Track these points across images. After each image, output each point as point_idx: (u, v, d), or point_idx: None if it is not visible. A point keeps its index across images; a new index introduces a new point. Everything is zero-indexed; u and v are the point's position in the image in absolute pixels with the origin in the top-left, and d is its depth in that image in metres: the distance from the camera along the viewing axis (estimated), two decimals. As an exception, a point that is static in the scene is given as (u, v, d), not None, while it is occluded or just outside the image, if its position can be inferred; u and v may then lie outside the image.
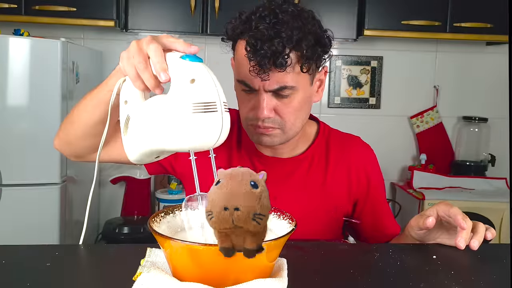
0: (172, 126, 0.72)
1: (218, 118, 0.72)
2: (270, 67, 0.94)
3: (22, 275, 0.80)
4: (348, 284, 0.79)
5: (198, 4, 2.29)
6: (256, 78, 0.96)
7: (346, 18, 2.39)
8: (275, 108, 1.01)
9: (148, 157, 0.84)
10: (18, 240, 1.14)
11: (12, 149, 1.95)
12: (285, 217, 0.83)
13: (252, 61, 0.94)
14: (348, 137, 1.22)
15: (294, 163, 1.14)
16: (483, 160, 2.73)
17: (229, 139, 1.13)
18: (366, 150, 1.21)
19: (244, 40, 0.98)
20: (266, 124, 1.02)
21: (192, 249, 0.68)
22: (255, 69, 0.95)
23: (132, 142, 0.82)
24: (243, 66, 0.98)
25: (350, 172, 1.16)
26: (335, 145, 1.17)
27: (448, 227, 0.96)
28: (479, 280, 0.80)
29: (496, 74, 2.81)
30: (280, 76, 0.96)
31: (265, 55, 0.92)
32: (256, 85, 0.98)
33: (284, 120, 1.02)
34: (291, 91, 0.99)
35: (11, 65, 1.93)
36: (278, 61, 0.93)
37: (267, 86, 0.97)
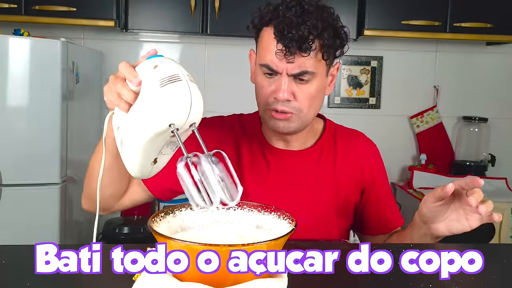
0: (147, 108, 0.80)
1: (184, 86, 0.79)
2: (295, 51, 1.02)
3: (22, 275, 0.79)
4: (348, 284, 0.79)
5: (198, 4, 2.29)
6: (281, 62, 1.04)
7: (346, 18, 2.38)
8: (294, 93, 1.07)
9: (144, 163, 0.86)
10: (18, 240, 1.14)
11: (12, 149, 1.95)
12: (285, 217, 0.83)
13: (280, 43, 1.02)
14: (353, 132, 1.29)
15: (304, 155, 1.20)
16: (483, 160, 2.73)
17: (236, 133, 1.22)
18: (370, 145, 1.28)
19: (271, 26, 1.06)
20: (284, 108, 1.08)
21: (192, 249, 0.68)
22: (281, 51, 1.03)
23: (127, 154, 0.86)
24: (268, 51, 1.06)
25: (357, 163, 1.22)
26: (342, 139, 1.24)
27: (457, 207, 1.02)
28: (479, 280, 0.80)
29: (496, 74, 2.81)
30: (302, 61, 1.04)
31: (292, 38, 1.01)
32: (280, 68, 1.05)
33: (301, 105, 1.09)
34: (310, 76, 1.07)
35: (11, 65, 1.93)
36: (303, 45, 1.01)
37: (290, 69, 1.05)
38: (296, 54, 1.03)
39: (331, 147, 1.22)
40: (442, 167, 2.75)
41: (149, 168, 0.89)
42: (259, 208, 0.87)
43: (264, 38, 1.08)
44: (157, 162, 0.88)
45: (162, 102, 0.78)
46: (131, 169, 0.89)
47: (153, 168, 0.90)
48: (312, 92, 1.09)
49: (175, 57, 2.63)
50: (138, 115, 0.82)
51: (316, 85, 1.09)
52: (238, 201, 0.76)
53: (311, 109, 1.11)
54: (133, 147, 0.84)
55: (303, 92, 1.08)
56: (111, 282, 0.80)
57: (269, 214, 0.86)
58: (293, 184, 1.17)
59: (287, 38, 1.01)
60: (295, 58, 1.03)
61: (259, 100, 1.13)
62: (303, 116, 1.11)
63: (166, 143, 0.86)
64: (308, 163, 1.20)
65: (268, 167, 1.19)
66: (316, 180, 1.19)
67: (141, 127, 0.81)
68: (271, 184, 1.18)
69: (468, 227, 1.03)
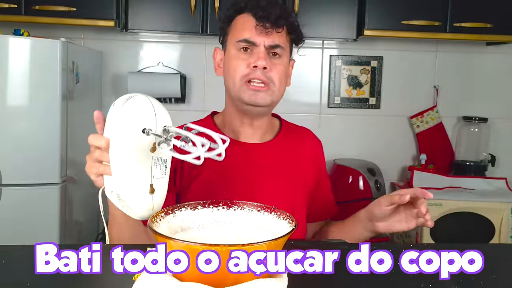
0: (118, 127, 0.87)
1: (142, 96, 0.89)
2: (271, 26, 1.20)
3: (22, 275, 0.79)
4: (348, 284, 0.79)
5: (198, 4, 2.29)
6: (259, 35, 1.20)
7: (346, 18, 2.39)
8: (269, 65, 1.21)
9: (142, 194, 0.89)
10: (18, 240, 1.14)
11: (12, 149, 1.95)
12: (285, 217, 0.83)
13: (259, 20, 1.19)
14: (304, 129, 1.44)
15: (265, 148, 1.31)
16: (483, 160, 2.73)
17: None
18: (318, 141, 1.43)
19: (246, 13, 1.23)
20: (261, 76, 1.20)
21: (192, 249, 0.68)
22: (260, 25, 1.19)
23: (124, 196, 0.89)
24: (246, 28, 1.22)
25: (310, 155, 1.37)
26: (296, 134, 1.39)
27: (401, 211, 1.16)
28: (479, 280, 0.80)
29: (496, 74, 2.81)
30: (277, 36, 1.22)
31: (269, 14, 1.19)
32: (258, 40, 1.21)
33: (274, 77, 1.22)
34: (282, 52, 1.23)
35: (11, 65, 1.93)
36: (278, 22, 1.20)
37: (267, 41, 1.21)
38: (271, 30, 1.20)
39: (287, 141, 1.35)
40: (442, 167, 2.75)
41: (149, 199, 0.89)
42: (259, 208, 0.88)
43: (239, 22, 1.24)
44: (154, 190, 0.89)
45: (127, 113, 0.86)
46: (134, 210, 0.90)
47: (154, 199, 0.90)
48: (282, 69, 1.24)
49: (175, 57, 2.63)
50: (113, 137, 0.88)
51: (285, 64, 1.25)
52: (225, 146, 0.85)
53: (281, 86, 1.25)
54: (124, 176, 0.87)
55: (275, 66, 1.22)
56: (111, 282, 0.80)
57: (269, 214, 0.86)
58: (259, 175, 1.26)
59: (266, 13, 1.19)
60: (271, 32, 1.20)
61: (236, 77, 1.22)
62: (276, 90, 1.23)
63: (153, 162, 0.88)
64: (270, 155, 1.30)
65: (234, 161, 1.24)
66: (281, 169, 1.30)
67: (120, 145, 0.87)
68: (238, 176, 1.25)
69: (406, 228, 1.16)
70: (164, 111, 0.91)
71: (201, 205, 0.89)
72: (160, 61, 2.61)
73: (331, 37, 2.45)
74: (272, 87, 1.22)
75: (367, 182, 2.45)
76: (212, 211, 0.88)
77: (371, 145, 2.75)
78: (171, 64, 2.62)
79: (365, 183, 2.45)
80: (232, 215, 0.88)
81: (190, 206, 0.88)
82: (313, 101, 2.72)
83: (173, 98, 2.58)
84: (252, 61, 1.20)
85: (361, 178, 2.45)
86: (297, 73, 2.71)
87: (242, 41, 1.21)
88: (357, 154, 2.72)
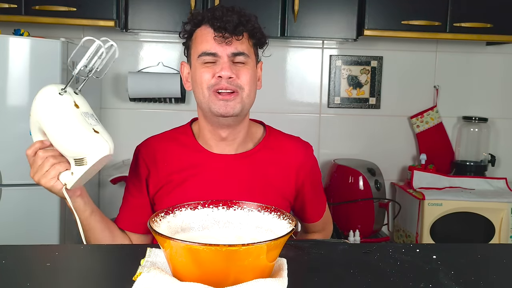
0: (41, 111, 1.07)
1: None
2: (230, 35, 1.19)
3: (22, 275, 0.80)
4: (348, 284, 0.79)
5: (198, 4, 2.29)
6: (219, 45, 1.20)
7: (346, 18, 2.39)
8: (235, 73, 1.21)
9: (93, 137, 1.03)
10: (18, 240, 1.14)
11: (12, 149, 1.95)
12: (285, 217, 0.83)
13: (217, 30, 1.19)
14: (290, 136, 1.39)
15: (238, 159, 1.29)
16: (483, 160, 2.73)
17: (170, 151, 1.31)
18: (305, 147, 1.38)
19: (204, 25, 1.23)
20: (228, 85, 1.19)
21: (192, 249, 0.68)
22: (219, 36, 1.19)
23: (90, 151, 1.04)
24: (206, 41, 1.21)
25: (293, 164, 1.32)
26: (279, 143, 1.34)
27: None
28: (479, 280, 0.80)
29: (496, 74, 2.81)
30: (238, 44, 1.21)
31: (226, 23, 1.19)
32: (220, 51, 1.20)
33: (242, 83, 1.21)
34: (246, 59, 1.22)
35: (11, 65, 1.93)
36: (236, 29, 1.19)
37: (229, 50, 1.20)
38: (231, 38, 1.20)
39: (267, 150, 1.32)
40: (442, 167, 2.74)
41: (99, 136, 1.03)
42: (259, 208, 0.88)
43: (198, 35, 1.24)
44: (98, 131, 1.04)
45: (38, 98, 1.07)
46: (98, 151, 1.03)
47: (103, 135, 1.04)
48: (249, 73, 1.23)
49: (175, 57, 2.63)
50: (42, 122, 1.05)
51: (252, 70, 1.24)
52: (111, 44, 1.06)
53: (251, 91, 1.24)
54: (71, 138, 1.02)
55: (242, 72, 1.22)
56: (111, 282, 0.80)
57: (269, 214, 0.86)
58: (231, 186, 1.25)
59: (223, 23, 1.19)
60: (231, 40, 1.20)
61: (203, 89, 1.22)
62: (246, 97, 1.22)
63: (83, 116, 1.04)
64: (246, 166, 1.28)
65: (211, 174, 1.26)
66: (255, 182, 1.27)
67: (51, 120, 1.04)
68: (214, 189, 1.24)
69: None
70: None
71: (201, 205, 0.89)
72: (160, 61, 2.61)
73: (331, 37, 2.45)
74: (241, 93, 1.22)
75: (367, 182, 2.45)
76: (212, 211, 0.89)
77: (371, 145, 2.75)
78: (171, 64, 2.62)
79: (365, 183, 2.45)
80: (232, 215, 0.88)
81: (190, 206, 0.88)
82: (313, 101, 2.72)
83: (173, 98, 2.58)
84: (217, 70, 1.20)
85: (361, 178, 2.45)
86: (297, 73, 2.71)
87: (203, 55, 1.22)
88: (357, 154, 2.72)
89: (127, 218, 1.29)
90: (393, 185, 2.79)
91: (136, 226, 1.28)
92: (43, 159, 1.06)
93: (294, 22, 2.32)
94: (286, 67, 2.68)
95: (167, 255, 0.74)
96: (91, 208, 1.18)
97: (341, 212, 2.47)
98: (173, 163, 1.28)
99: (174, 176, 1.27)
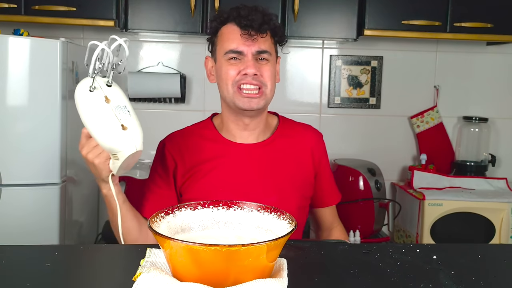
0: (78, 108, 1.09)
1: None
2: (256, 33, 1.27)
3: (22, 275, 0.79)
4: (348, 284, 0.79)
5: (198, 4, 2.29)
6: (244, 44, 1.28)
7: (346, 18, 2.39)
8: (258, 70, 1.29)
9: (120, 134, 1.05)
10: (18, 240, 1.14)
11: (12, 149, 1.95)
12: (285, 217, 0.83)
13: (243, 28, 1.27)
14: (303, 124, 1.50)
15: (260, 147, 1.38)
16: (483, 160, 2.73)
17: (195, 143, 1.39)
18: (317, 134, 1.49)
19: (230, 23, 1.30)
20: (252, 81, 1.28)
21: (192, 249, 0.68)
22: (245, 34, 1.27)
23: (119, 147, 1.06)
24: (231, 39, 1.29)
25: (309, 148, 1.43)
26: (293, 131, 1.44)
27: None
28: (479, 280, 0.80)
29: (496, 74, 2.81)
30: (262, 42, 1.29)
31: (252, 21, 1.26)
32: (245, 49, 1.28)
33: (265, 79, 1.30)
34: (269, 56, 1.31)
35: (10, 65, 1.93)
36: (261, 27, 1.27)
37: (253, 49, 1.28)
38: (256, 36, 1.27)
39: (284, 138, 1.41)
40: (442, 167, 2.74)
41: (127, 134, 1.05)
42: (259, 208, 0.87)
43: (224, 33, 1.32)
44: (126, 127, 1.05)
45: (75, 95, 1.07)
46: (125, 148, 1.04)
47: (131, 131, 1.06)
48: (271, 70, 1.32)
49: (175, 57, 2.63)
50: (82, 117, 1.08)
51: (273, 66, 1.33)
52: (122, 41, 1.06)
53: (272, 86, 1.33)
54: (102, 135, 1.05)
55: (264, 69, 1.30)
56: (111, 282, 0.80)
57: (269, 214, 0.86)
58: (255, 173, 1.34)
59: (249, 21, 1.26)
60: (256, 38, 1.27)
61: (228, 85, 1.31)
62: (269, 92, 1.32)
63: (114, 110, 1.05)
64: (267, 153, 1.37)
65: (236, 162, 1.34)
66: (277, 168, 1.36)
67: (86, 116, 1.06)
68: (239, 177, 1.33)
69: None
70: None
71: (201, 205, 0.89)
72: (160, 61, 2.61)
73: (331, 37, 2.45)
74: (264, 89, 1.30)
75: (367, 182, 2.45)
76: (212, 211, 0.89)
77: (371, 145, 2.75)
78: (171, 64, 2.62)
79: (365, 183, 2.45)
80: (232, 215, 0.88)
81: (190, 206, 0.88)
82: (313, 101, 2.72)
83: (173, 98, 2.58)
84: (242, 68, 1.28)
85: (361, 178, 2.45)
86: (297, 73, 2.71)
87: (229, 52, 1.29)
88: (357, 154, 2.72)
89: (153, 208, 1.33)
90: (393, 185, 2.79)
91: (151, 210, 1.33)
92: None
93: (294, 22, 2.32)
94: (286, 67, 2.67)
95: (167, 255, 0.74)
96: (123, 197, 1.24)
97: (341, 212, 2.45)
98: (199, 154, 1.36)
99: (200, 166, 1.34)
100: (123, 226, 1.20)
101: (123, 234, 1.18)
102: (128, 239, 1.25)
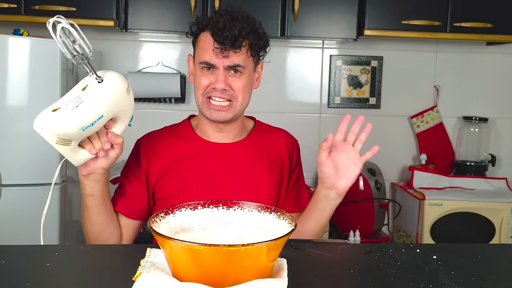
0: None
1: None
2: (229, 48, 1.24)
3: (22, 275, 0.79)
4: (348, 284, 0.79)
5: (198, 4, 2.29)
6: (217, 57, 1.26)
7: (346, 18, 2.39)
8: (229, 84, 1.28)
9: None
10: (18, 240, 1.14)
11: (12, 149, 1.95)
12: (285, 217, 0.83)
13: (216, 42, 1.24)
14: (278, 129, 1.49)
15: (235, 147, 1.38)
16: (483, 160, 2.73)
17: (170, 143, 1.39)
18: (292, 138, 1.47)
19: (207, 31, 1.27)
20: (221, 95, 1.28)
21: (192, 249, 0.68)
22: (218, 48, 1.25)
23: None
24: (206, 50, 1.28)
25: (283, 151, 1.42)
26: (268, 133, 1.45)
27: (340, 156, 1.28)
28: (479, 280, 0.80)
29: (496, 74, 2.81)
30: (235, 56, 1.27)
31: (226, 37, 1.23)
32: (217, 62, 1.27)
33: (236, 93, 1.29)
34: (242, 70, 1.29)
35: (10, 65, 1.93)
36: (235, 43, 1.24)
37: (225, 63, 1.27)
38: (229, 51, 1.25)
39: (259, 139, 1.42)
40: (442, 167, 2.74)
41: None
42: (259, 208, 0.87)
43: (201, 41, 1.30)
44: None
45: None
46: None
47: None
48: (244, 84, 1.30)
49: (175, 57, 2.63)
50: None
51: (247, 79, 1.31)
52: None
53: (244, 99, 1.32)
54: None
55: (236, 83, 1.29)
56: (111, 282, 0.80)
57: (269, 214, 0.86)
58: (231, 172, 1.34)
59: (222, 37, 1.23)
60: (229, 53, 1.25)
61: (198, 93, 1.31)
62: (238, 105, 1.31)
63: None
64: (242, 153, 1.37)
65: (210, 161, 1.35)
66: (251, 168, 1.36)
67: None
68: (213, 175, 1.33)
69: (358, 168, 1.27)
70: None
71: (201, 205, 0.89)
72: (160, 61, 2.61)
73: (331, 37, 2.45)
74: (235, 102, 1.30)
75: (367, 182, 2.45)
76: (212, 211, 0.89)
77: (371, 145, 2.74)
78: (171, 64, 2.62)
79: (365, 183, 2.45)
80: (232, 215, 0.88)
81: (190, 206, 0.88)
82: (313, 101, 2.72)
83: (173, 98, 2.58)
84: (213, 80, 1.28)
85: (361, 178, 2.45)
86: (297, 73, 2.71)
87: (203, 63, 1.29)
88: (357, 154, 2.71)
89: (123, 203, 1.35)
90: (393, 185, 2.79)
91: (130, 212, 1.34)
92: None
93: (294, 22, 2.32)
94: (286, 67, 2.67)
95: (167, 256, 0.74)
96: (95, 192, 1.24)
97: (341, 212, 2.45)
98: (174, 153, 1.36)
99: (175, 165, 1.35)
100: (88, 218, 1.25)
101: (90, 226, 1.26)
102: (91, 231, 1.28)
